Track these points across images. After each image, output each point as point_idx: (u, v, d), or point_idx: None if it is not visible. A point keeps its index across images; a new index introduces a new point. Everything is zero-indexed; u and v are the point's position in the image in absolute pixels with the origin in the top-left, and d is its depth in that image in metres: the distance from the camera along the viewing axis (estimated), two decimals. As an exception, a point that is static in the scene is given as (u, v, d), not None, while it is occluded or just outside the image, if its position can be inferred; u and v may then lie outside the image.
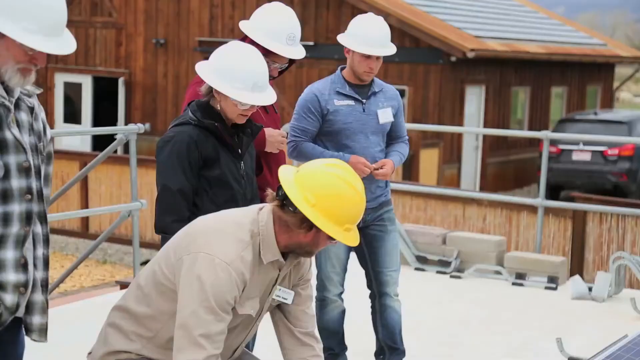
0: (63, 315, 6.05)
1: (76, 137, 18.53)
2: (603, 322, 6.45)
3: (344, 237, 2.73)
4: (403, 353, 4.72)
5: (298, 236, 2.76)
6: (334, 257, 4.62)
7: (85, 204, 13.12)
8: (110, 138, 7.15)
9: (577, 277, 7.47)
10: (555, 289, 7.48)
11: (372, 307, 4.75)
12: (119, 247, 12.99)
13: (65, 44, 2.58)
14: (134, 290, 2.90)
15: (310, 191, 2.69)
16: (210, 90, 3.52)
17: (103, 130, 8.57)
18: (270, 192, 2.82)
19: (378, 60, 4.47)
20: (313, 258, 3.03)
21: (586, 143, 15.04)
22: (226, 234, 2.73)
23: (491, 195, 10.63)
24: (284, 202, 2.74)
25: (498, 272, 7.77)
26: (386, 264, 4.63)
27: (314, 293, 3.08)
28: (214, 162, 3.59)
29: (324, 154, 4.45)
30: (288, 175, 2.76)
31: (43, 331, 2.79)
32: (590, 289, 7.23)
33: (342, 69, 4.59)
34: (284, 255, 2.84)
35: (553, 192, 14.79)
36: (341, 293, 4.73)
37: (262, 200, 2.99)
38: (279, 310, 3.02)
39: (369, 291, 4.75)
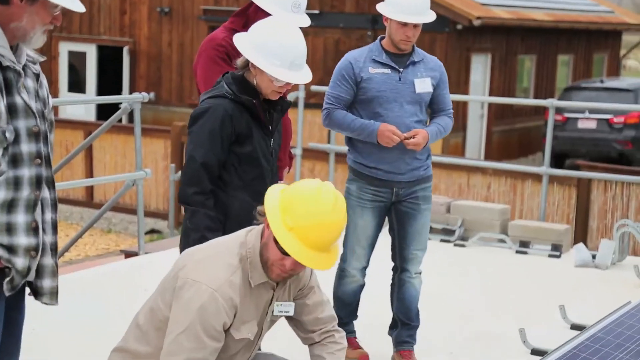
0: (68, 284, 6.06)
1: (80, 106, 18.52)
2: (606, 290, 6.46)
3: (320, 263, 2.70)
4: (416, 328, 4.70)
5: (276, 256, 2.75)
6: (361, 231, 4.52)
7: (89, 173, 13.15)
8: (114, 107, 7.14)
9: (580, 244, 7.48)
10: (558, 256, 7.49)
11: (392, 279, 4.71)
12: (123, 216, 13.02)
13: None
14: (133, 330, 2.88)
15: (298, 230, 2.66)
16: (247, 64, 3.47)
17: (107, 99, 8.58)
18: (260, 209, 2.80)
19: (416, 29, 4.38)
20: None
21: (592, 111, 14.98)
22: (215, 260, 2.73)
23: (496, 164, 10.62)
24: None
25: (502, 241, 7.78)
26: (413, 243, 4.55)
27: (324, 296, 3.05)
28: (247, 139, 3.57)
29: (355, 122, 4.41)
30: (275, 197, 2.75)
31: (54, 294, 2.82)
32: (593, 257, 7.24)
33: (381, 39, 4.52)
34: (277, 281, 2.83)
35: (558, 160, 14.75)
36: (364, 268, 4.63)
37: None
38: (293, 324, 3.03)
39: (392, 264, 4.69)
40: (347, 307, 4.68)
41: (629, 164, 14.33)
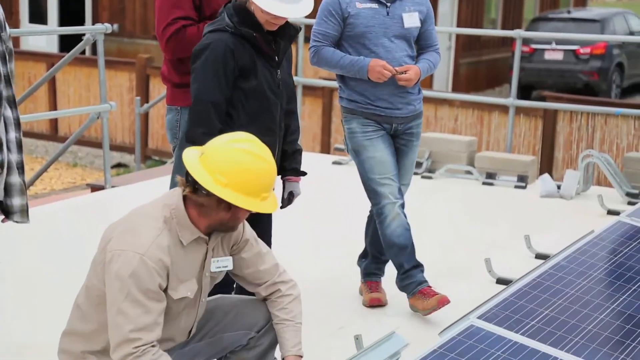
0: (34, 217, 6.03)
1: (42, 38, 18.17)
2: (571, 219, 6.56)
3: (263, 207, 2.73)
4: (386, 262, 4.68)
5: (218, 215, 2.75)
6: (380, 163, 4.37)
7: (53, 107, 13.00)
8: (77, 39, 7.02)
9: (546, 175, 7.55)
10: (524, 187, 7.56)
11: (370, 212, 4.66)
12: (89, 150, 12.92)
13: None
14: (75, 312, 2.87)
15: (220, 172, 2.67)
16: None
17: (69, 30, 8.42)
18: (179, 178, 2.77)
19: None
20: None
21: (559, 42, 14.99)
22: (138, 227, 2.70)
23: (463, 96, 10.64)
24: (195, 187, 2.71)
25: (469, 172, 7.84)
26: (400, 178, 4.51)
27: (263, 248, 3.05)
28: (250, 72, 3.52)
29: (344, 58, 4.34)
30: (193, 159, 2.73)
31: (24, 212, 2.80)
32: (558, 187, 7.32)
33: None
34: (208, 234, 2.82)
35: (525, 92, 14.79)
36: (401, 205, 4.41)
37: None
38: (238, 280, 3.03)
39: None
40: (403, 252, 4.42)
41: (595, 94, 14.41)
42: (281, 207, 3.88)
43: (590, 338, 3.23)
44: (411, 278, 4.43)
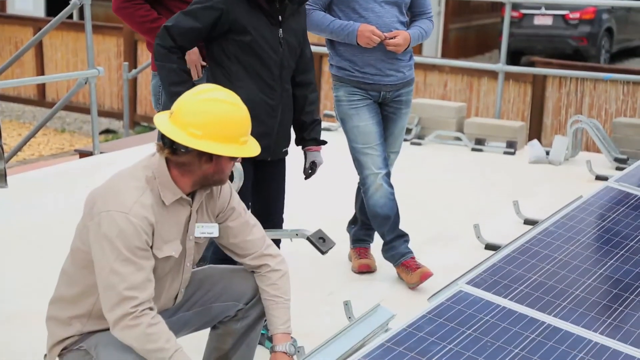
0: (23, 182, 6.03)
1: (29, 2, 18.00)
2: (559, 185, 6.58)
3: (245, 151, 2.72)
4: (374, 230, 4.68)
5: (201, 170, 2.73)
6: (364, 132, 4.38)
7: (40, 72, 12.91)
8: (64, 3, 6.96)
9: (534, 141, 7.57)
10: (513, 153, 7.58)
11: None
12: (77, 115, 12.86)
13: None
14: (61, 278, 2.86)
15: (192, 125, 2.65)
16: None
17: (56, -5, 8.32)
18: (157, 143, 2.76)
19: None
20: (230, 184, 2.99)
21: (548, 7, 14.94)
22: (120, 188, 2.69)
23: (452, 62, 10.59)
24: (173, 147, 2.69)
25: (458, 139, 7.84)
26: (389, 146, 4.52)
27: (251, 219, 3.03)
28: (245, 27, 3.52)
29: (333, 22, 4.32)
30: (163, 120, 2.72)
31: (2, 176, 2.77)
32: (547, 153, 7.34)
33: None
34: (191, 194, 2.81)
35: (514, 57, 14.75)
36: (386, 174, 4.41)
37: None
38: (225, 250, 3.01)
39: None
40: (386, 222, 4.44)
41: (584, 60, 14.39)
42: (305, 178, 3.91)
43: (578, 303, 3.26)
44: (394, 249, 4.48)
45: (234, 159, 2.76)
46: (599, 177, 6.69)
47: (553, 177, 6.87)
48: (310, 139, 3.86)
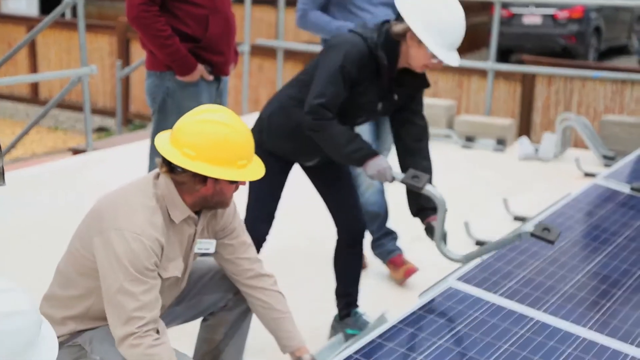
0: (16, 180, 6.06)
1: (22, 1, 17.98)
2: (548, 182, 6.65)
3: (241, 175, 2.66)
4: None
5: (200, 192, 2.70)
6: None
7: (34, 70, 12.90)
8: (57, 1, 6.99)
9: (524, 138, 7.64)
10: (503, 150, 7.65)
11: None
12: (70, 114, 12.86)
13: None
14: (57, 277, 2.84)
15: (187, 146, 2.62)
16: (405, 33, 3.36)
17: (49, -6, 8.33)
18: (158, 161, 2.74)
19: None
20: (234, 204, 2.95)
21: (537, 6, 15.01)
22: (132, 205, 2.66)
23: (443, 59, 10.64)
24: (171, 166, 2.68)
25: (448, 136, 7.90)
26: (381, 144, 4.58)
27: (248, 239, 3.02)
28: (358, 86, 3.42)
29: (331, 23, 4.37)
30: (164, 138, 2.71)
31: (0, 174, 2.73)
32: (536, 150, 7.41)
33: None
34: (197, 213, 2.80)
35: (503, 56, 14.82)
36: None
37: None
38: (222, 265, 3.00)
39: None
40: (375, 220, 4.55)
41: (573, 58, 14.46)
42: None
43: (566, 299, 3.32)
44: (382, 247, 4.58)
45: (234, 182, 2.72)
46: (587, 174, 6.77)
47: (542, 174, 6.94)
48: (430, 207, 3.65)
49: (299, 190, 4.90)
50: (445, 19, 3.31)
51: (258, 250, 3.58)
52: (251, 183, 3.63)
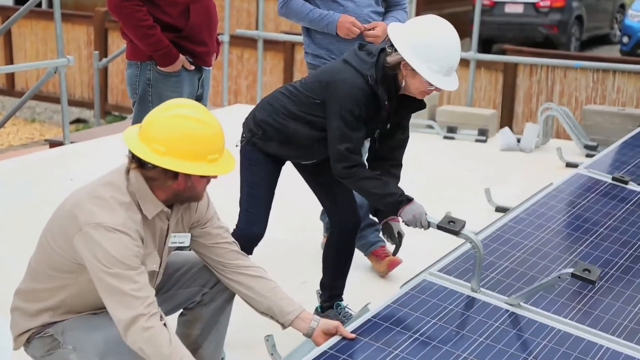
0: (-8, 174, 5.99)
1: (-3, -9, 17.84)
2: (530, 172, 6.63)
3: (211, 170, 2.64)
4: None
5: (171, 187, 2.68)
6: None
7: (9, 61, 12.78)
8: (32, -9, 6.89)
9: (506, 128, 7.61)
10: (485, 141, 7.62)
11: None
12: (47, 105, 12.76)
13: None
14: (29, 272, 2.81)
15: (156, 141, 2.59)
16: (399, 63, 3.30)
17: (24, -17, 8.23)
18: (127, 156, 2.70)
19: None
20: (208, 195, 2.93)
21: (519, -5, 15.02)
22: (107, 200, 2.63)
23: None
24: (141, 162, 2.64)
25: (430, 127, 7.87)
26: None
27: (223, 224, 2.99)
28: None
29: (313, 12, 4.31)
30: (132, 133, 2.67)
31: None
32: (518, 140, 7.39)
33: None
34: (170, 207, 2.77)
35: (485, 45, 14.81)
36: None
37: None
38: (201, 255, 2.97)
39: None
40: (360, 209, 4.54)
41: (555, 47, 14.48)
42: (393, 254, 3.75)
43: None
44: (364, 238, 4.53)
45: (206, 176, 2.69)
46: (569, 164, 6.75)
47: (524, 165, 6.92)
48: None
49: (280, 183, 4.83)
50: (438, 44, 3.27)
51: (250, 251, 3.53)
52: (244, 179, 3.59)
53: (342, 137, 3.34)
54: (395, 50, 3.30)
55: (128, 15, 4.07)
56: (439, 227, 3.28)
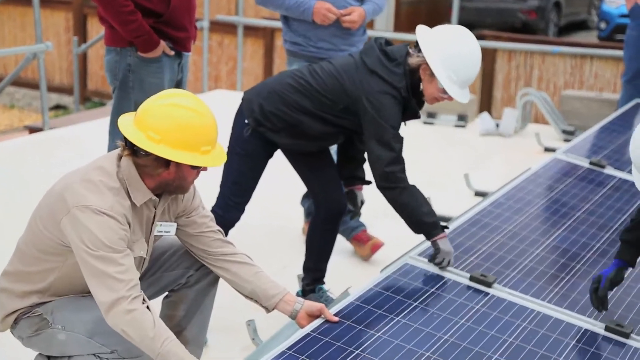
0: (-28, 160, 5.96)
1: (-26, -23, 17.66)
2: (509, 157, 6.68)
3: (204, 161, 2.67)
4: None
5: (161, 175, 2.70)
6: None
7: (-13, 47, 12.69)
8: (10, -23, 6.84)
9: (485, 113, 7.66)
10: (464, 126, 7.66)
11: None
12: (26, 91, 12.68)
13: None
14: (18, 255, 2.82)
15: (151, 129, 2.61)
16: (420, 65, 3.36)
17: (2, -31, 8.18)
18: (120, 143, 2.72)
19: None
20: (194, 186, 2.94)
21: (498, -19, 15.06)
22: (97, 184, 2.66)
23: (404, 36, 10.63)
24: (134, 148, 2.67)
25: (409, 111, 7.89)
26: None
27: (209, 212, 3.01)
28: None
29: None
30: (127, 121, 2.69)
31: None
32: (497, 126, 7.44)
33: None
34: (158, 195, 2.79)
35: (464, 31, 14.87)
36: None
37: None
38: (188, 245, 2.98)
39: None
40: None
41: (533, 33, 14.53)
42: (351, 218, 3.94)
43: (526, 272, 3.34)
44: (345, 224, 4.57)
45: (196, 167, 2.72)
46: (547, 149, 6.80)
47: (503, 149, 6.97)
48: (359, 177, 3.89)
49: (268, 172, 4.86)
50: (464, 56, 3.33)
51: (225, 235, 3.55)
52: (231, 167, 3.61)
53: (392, 158, 3.45)
54: (419, 52, 3.35)
55: (109, 1, 4.06)
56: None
